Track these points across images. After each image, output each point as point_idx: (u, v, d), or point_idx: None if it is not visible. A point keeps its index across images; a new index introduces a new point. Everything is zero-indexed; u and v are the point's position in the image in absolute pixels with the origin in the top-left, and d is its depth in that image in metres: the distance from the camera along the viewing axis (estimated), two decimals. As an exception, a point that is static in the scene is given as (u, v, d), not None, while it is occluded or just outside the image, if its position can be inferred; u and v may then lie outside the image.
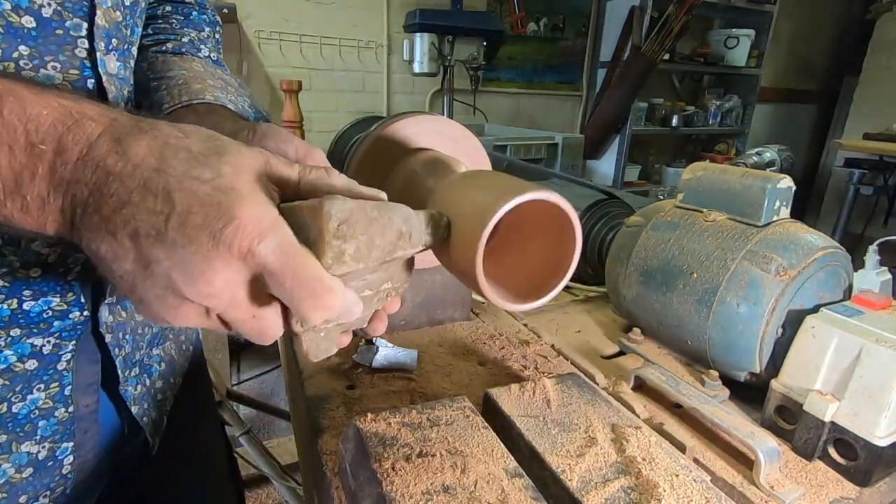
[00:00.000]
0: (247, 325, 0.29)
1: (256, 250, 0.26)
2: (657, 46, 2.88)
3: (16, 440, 0.40)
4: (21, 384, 0.40)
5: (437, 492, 0.38)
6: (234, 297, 0.27)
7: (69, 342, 0.42)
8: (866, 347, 0.48)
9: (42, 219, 0.27)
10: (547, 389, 0.51)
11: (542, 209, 0.36)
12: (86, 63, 0.38)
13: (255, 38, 2.48)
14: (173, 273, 0.26)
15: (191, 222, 0.25)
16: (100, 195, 0.26)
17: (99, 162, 0.26)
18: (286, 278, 0.27)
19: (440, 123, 0.52)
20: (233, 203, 0.26)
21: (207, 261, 0.25)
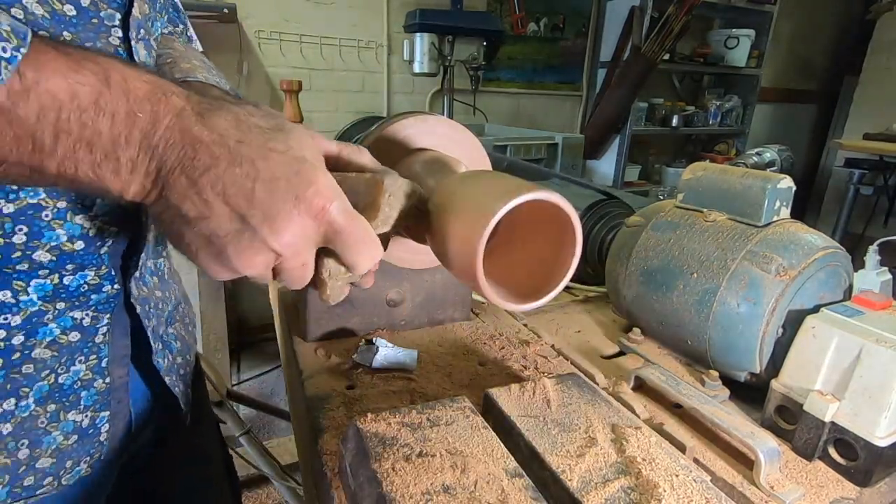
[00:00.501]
0: (295, 272, 0.34)
1: (329, 210, 0.32)
2: (657, 46, 2.88)
3: (63, 409, 0.44)
4: (66, 356, 0.43)
5: (437, 492, 0.38)
6: (301, 248, 0.33)
7: (105, 315, 0.45)
8: (866, 347, 0.48)
9: (128, 181, 0.30)
10: (547, 389, 0.51)
11: (543, 209, 0.36)
12: (119, 50, 0.41)
13: (255, 38, 2.48)
14: (262, 227, 0.30)
15: (277, 186, 0.31)
16: (187, 160, 0.30)
17: (186, 131, 0.30)
18: (348, 235, 0.33)
19: (440, 123, 0.52)
20: (310, 171, 0.32)
21: (290, 217, 0.31)
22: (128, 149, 0.29)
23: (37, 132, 0.27)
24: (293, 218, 0.31)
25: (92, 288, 0.44)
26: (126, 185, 0.30)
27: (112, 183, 0.30)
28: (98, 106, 0.28)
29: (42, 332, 0.41)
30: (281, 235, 0.31)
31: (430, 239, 0.41)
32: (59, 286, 0.42)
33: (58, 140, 0.27)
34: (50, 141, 0.27)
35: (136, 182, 0.30)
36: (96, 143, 0.28)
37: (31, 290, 0.40)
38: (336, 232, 0.33)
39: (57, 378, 0.43)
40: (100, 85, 0.28)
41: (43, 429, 0.43)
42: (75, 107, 0.27)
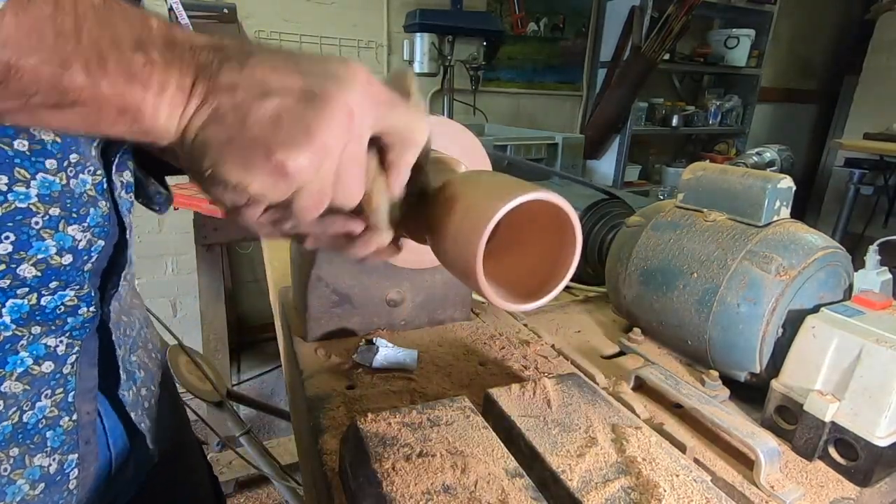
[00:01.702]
0: (356, 161, 0.31)
1: (372, 79, 0.30)
2: (657, 46, 2.88)
3: (28, 453, 0.38)
4: (34, 390, 0.38)
5: (437, 492, 0.38)
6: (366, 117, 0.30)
7: (77, 341, 0.40)
8: (866, 347, 0.48)
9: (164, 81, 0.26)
10: (547, 389, 0.51)
11: (543, 209, 0.36)
12: None
13: (255, 39, 2.48)
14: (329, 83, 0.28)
15: (322, 61, 0.29)
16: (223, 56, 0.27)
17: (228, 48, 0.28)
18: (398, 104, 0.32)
19: (440, 124, 0.52)
20: (354, 65, 0.30)
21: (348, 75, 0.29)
22: (154, 47, 0.26)
23: (56, 19, 0.23)
24: (349, 77, 0.29)
25: (69, 310, 0.39)
26: (163, 86, 0.26)
27: (150, 82, 0.26)
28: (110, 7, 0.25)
29: (13, 361, 0.37)
30: (350, 87, 0.29)
31: (430, 239, 0.41)
32: (35, 307, 0.37)
33: (80, 32, 0.24)
34: (72, 32, 0.24)
35: (174, 81, 0.26)
36: (119, 36, 0.25)
37: (6, 311, 0.36)
38: (390, 103, 0.31)
39: (21, 416, 0.38)
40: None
41: (7, 477, 0.38)
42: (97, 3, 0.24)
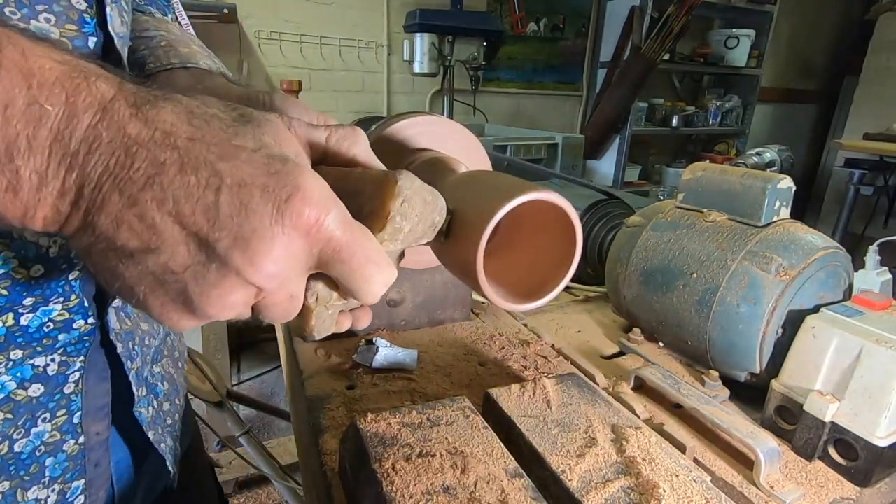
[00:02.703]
0: (280, 307, 0.26)
1: (324, 223, 0.23)
2: (657, 46, 2.88)
3: (21, 486, 0.34)
4: (24, 416, 0.34)
5: (437, 492, 0.38)
6: (289, 277, 0.24)
7: (76, 358, 0.36)
8: (866, 348, 0.48)
9: (33, 202, 0.21)
10: (547, 390, 0.51)
11: (543, 209, 0.36)
12: (86, 17, 0.32)
13: (255, 39, 2.48)
14: (234, 255, 0.22)
15: (250, 196, 0.22)
16: (122, 170, 0.21)
17: (118, 129, 0.21)
18: (352, 253, 0.25)
19: (440, 124, 0.52)
20: (293, 171, 0.23)
21: (272, 237, 0.22)
22: (31, 156, 0.21)
23: None
24: (276, 237, 0.22)
25: (59, 326, 0.34)
26: (30, 209, 0.21)
27: (9, 206, 0.21)
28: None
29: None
30: (261, 264, 0.22)
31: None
32: (13, 328, 0.32)
33: None
34: None
35: (47, 204, 0.22)
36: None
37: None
38: (334, 251, 0.24)
39: (12, 446, 0.33)
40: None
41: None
42: None
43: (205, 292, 0.23)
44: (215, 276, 0.23)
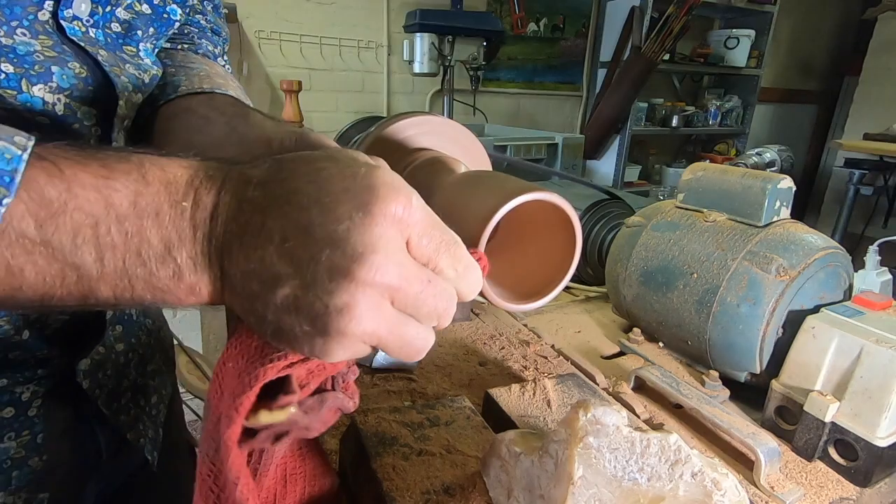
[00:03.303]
0: (425, 299, 0.26)
1: (411, 210, 0.25)
2: (657, 47, 2.88)
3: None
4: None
5: (436, 492, 0.38)
6: (402, 262, 0.25)
7: (42, 388, 0.40)
8: (866, 348, 0.48)
9: (195, 282, 0.25)
10: (547, 390, 0.51)
11: (543, 209, 0.36)
12: (48, 27, 0.34)
13: (255, 38, 2.48)
14: (335, 259, 0.23)
15: (337, 202, 0.24)
16: (238, 226, 0.25)
17: (232, 198, 0.25)
18: (436, 231, 0.26)
19: (440, 124, 0.52)
20: (370, 172, 0.25)
21: (367, 231, 0.23)
22: (182, 246, 0.24)
23: (76, 257, 0.23)
24: (371, 231, 0.23)
25: (39, 362, 0.39)
26: (196, 287, 0.25)
27: (178, 291, 0.25)
28: (138, 207, 0.24)
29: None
30: (366, 258, 0.23)
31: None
32: (2, 361, 0.37)
33: (103, 260, 0.23)
34: (93, 263, 0.23)
35: (207, 279, 0.25)
36: (147, 251, 0.24)
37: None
38: (421, 232, 0.25)
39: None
40: (136, 183, 0.24)
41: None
42: (113, 217, 0.23)
43: (331, 307, 0.23)
44: (331, 286, 0.23)
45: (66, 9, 0.34)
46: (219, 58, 0.56)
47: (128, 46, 0.40)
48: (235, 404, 0.26)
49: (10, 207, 0.21)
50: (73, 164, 0.23)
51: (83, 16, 0.36)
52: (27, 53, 0.32)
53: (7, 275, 0.22)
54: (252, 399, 0.26)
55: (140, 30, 0.40)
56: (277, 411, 0.28)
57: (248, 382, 0.26)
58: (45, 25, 0.34)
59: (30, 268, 0.22)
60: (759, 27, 3.43)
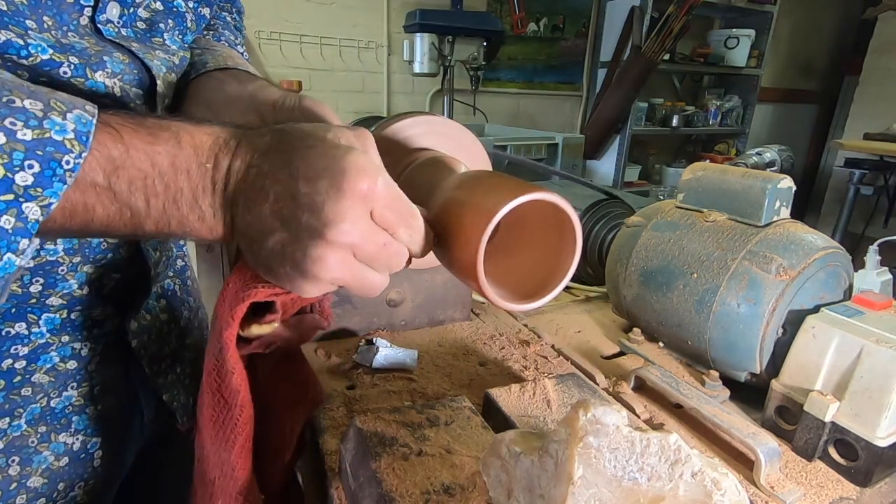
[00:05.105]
0: (381, 256, 0.33)
1: (375, 188, 0.31)
2: (657, 46, 2.88)
3: (54, 431, 0.46)
4: (61, 382, 0.46)
5: (436, 492, 0.38)
6: (367, 230, 0.32)
7: (99, 345, 0.48)
8: (867, 348, 0.48)
9: (214, 224, 0.33)
10: (547, 390, 0.51)
11: (543, 209, 0.36)
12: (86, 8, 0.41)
13: (255, 38, 2.47)
14: (314, 222, 0.30)
15: (318, 177, 0.31)
16: (247, 186, 0.32)
17: (240, 162, 0.32)
18: (396, 204, 0.33)
19: (440, 124, 0.52)
20: (345, 155, 0.31)
21: (338, 204, 0.30)
22: (205, 197, 0.32)
23: (131, 200, 0.31)
24: (341, 203, 0.30)
25: (95, 323, 0.47)
26: (213, 229, 0.33)
27: (201, 230, 0.33)
28: (174, 166, 0.31)
29: (43, 359, 0.44)
30: (336, 224, 0.30)
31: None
32: (66, 320, 0.45)
33: (149, 204, 0.31)
34: (143, 205, 0.31)
35: (221, 223, 0.33)
36: (180, 199, 0.32)
37: (42, 322, 0.44)
38: (384, 205, 0.33)
39: (49, 402, 0.45)
40: (173, 148, 0.31)
41: (34, 448, 0.44)
42: (157, 173, 0.31)
43: (308, 257, 0.31)
44: (308, 242, 0.31)
45: (102, 14, 0.41)
46: (238, 46, 0.65)
47: (155, 38, 0.47)
48: (232, 312, 0.34)
49: (87, 161, 0.29)
50: (129, 130, 0.31)
51: (115, 18, 0.42)
52: (83, 49, 0.39)
53: (83, 210, 0.30)
54: (245, 308, 0.34)
55: (162, 23, 0.48)
56: (265, 325, 0.36)
57: (242, 297, 0.34)
58: (87, 28, 0.40)
59: (99, 207, 0.30)
60: (759, 27, 3.43)
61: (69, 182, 0.29)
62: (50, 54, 0.36)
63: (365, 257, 0.33)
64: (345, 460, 0.44)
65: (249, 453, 0.41)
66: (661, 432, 0.32)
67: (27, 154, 0.27)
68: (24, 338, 0.43)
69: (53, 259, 0.42)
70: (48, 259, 0.42)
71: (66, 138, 0.28)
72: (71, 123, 0.29)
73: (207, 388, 0.38)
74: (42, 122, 0.28)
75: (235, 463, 0.40)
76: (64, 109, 0.29)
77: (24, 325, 0.43)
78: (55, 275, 0.43)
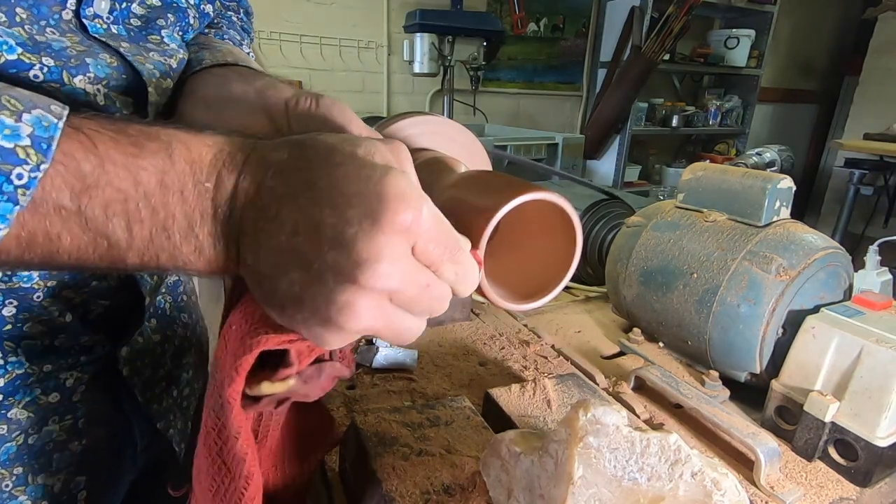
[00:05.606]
0: (422, 300, 0.27)
1: (419, 221, 0.25)
2: (657, 47, 2.88)
3: (32, 472, 0.40)
4: (40, 416, 0.40)
5: (436, 491, 0.38)
6: (405, 269, 0.25)
7: (86, 374, 0.43)
8: (867, 348, 0.48)
9: (214, 257, 0.27)
10: (547, 390, 0.51)
11: (543, 209, 0.36)
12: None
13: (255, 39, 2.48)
14: (344, 262, 0.24)
15: (346, 206, 0.24)
16: (257, 211, 0.26)
17: (252, 183, 0.26)
18: (442, 237, 0.27)
19: (440, 124, 0.52)
20: (382, 178, 0.25)
21: (374, 240, 0.24)
22: (203, 224, 0.26)
23: (108, 229, 0.24)
24: (378, 239, 0.24)
25: (83, 349, 0.42)
26: (214, 262, 0.27)
27: (198, 264, 0.27)
28: (164, 186, 0.25)
29: (23, 392, 0.39)
30: (370, 266, 0.23)
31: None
32: (48, 347, 0.40)
33: (131, 232, 0.25)
34: (123, 235, 0.25)
35: (223, 256, 0.27)
36: (171, 226, 0.25)
37: (21, 350, 0.38)
38: (428, 239, 0.26)
39: (27, 439, 0.40)
40: (163, 162, 0.25)
41: (8, 493, 0.40)
42: (141, 194, 0.25)
43: (333, 303, 0.24)
44: (334, 287, 0.24)
45: (88, 7, 0.36)
46: (244, 46, 0.58)
47: (152, 36, 0.41)
48: (236, 364, 0.27)
49: (49, 177, 0.23)
50: (106, 139, 0.24)
51: (103, 13, 0.37)
52: (62, 48, 0.33)
53: (45, 240, 0.24)
54: (252, 360, 0.28)
55: (160, 18, 0.42)
56: (278, 383, 0.29)
57: (249, 345, 0.27)
58: (70, 24, 0.35)
59: (65, 235, 0.24)
60: (759, 27, 3.43)
61: (22, 203, 0.23)
62: (18, 54, 0.31)
63: (403, 302, 0.26)
64: (345, 460, 0.44)
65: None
66: (661, 432, 0.32)
67: None
68: (0, 368, 0.38)
69: (27, 286, 0.37)
70: (21, 285, 0.37)
71: (20, 145, 0.22)
72: (27, 126, 0.23)
73: (206, 450, 0.32)
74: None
75: None
76: (19, 109, 0.23)
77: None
78: (30, 300, 0.38)
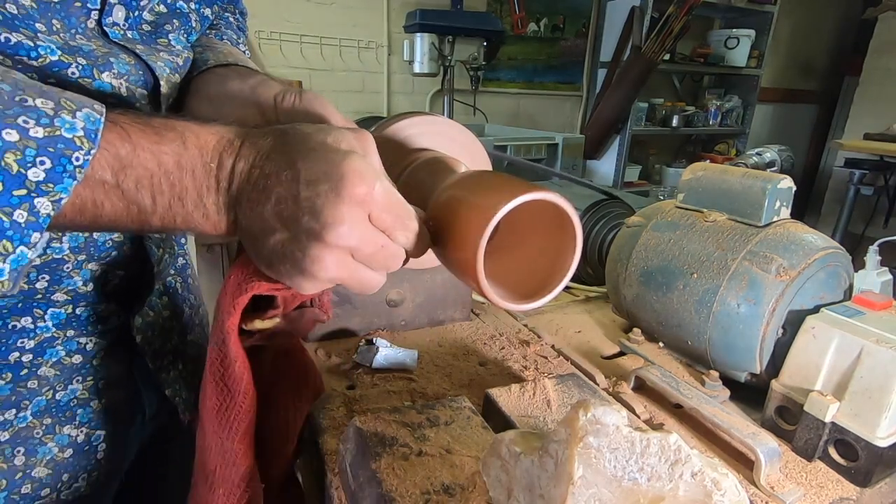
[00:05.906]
0: (378, 257, 0.34)
1: (372, 193, 0.32)
2: (657, 47, 2.88)
3: (59, 423, 0.47)
4: (66, 375, 0.47)
5: (436, 492, 0.38)
6: (366, 233, 0.33)
7: (104, 341, 0.49)
8: (867, 348, 0.48)
9: (218, 221, 0.34)
10: (547, 390, 0.51)
11: (543, 209, 0.36)
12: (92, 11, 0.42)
13: (255, 39, 2.47)
14: (314, 225, 0.31)
15: (318, 181, 0.31)
16: (250, 185, 0.33)
17: (244, 163, 0.34)
18: (394, 207, 0.34)
19: (440, 124, 0.52)
20: (343, 160, 0.32)
21: (337, 208, 0.31)
22: (209, 195, 0.33)
23: (138, 198, 0.32)
24: (340, 208, 0.31)
25: (100, 319, 0.49)
26: (218, 225, 0.34)
27: (205, 226, 0.34)
28: (180, 166, 0.32)
29: (49, 353, 0.46)
30: (334, 227, 0.31)
31: (432, 239, 0.41)
32: (71, 315, 0.47)
33: (155, 201, 0.32)
34: (149, 203, 0.32)
35: (225, 220, 0.34)
36: (185, 197, 0.33)
37: (48, 317, 0.45)
38: (381, 209, 0.33)
39: (55, 394, 0.47)
40: (179, 148, 0.32)
41: (39, 439, 0.46)
42: (163, 172, 0.32)
43: (307, 257, 0.32)
44: (307, 243, 0.32)
45: (108, 17, 0.43)
46: (240, 45, 0.67)
47: (160, 39, 0.48)
48: (234, 301, 0.36)
49: (96, 159, 0.30)
50: (136, 130, 0.32)
51: (120, 21, 0.44)
52: (90, 51, 0.40)
53: (93, 206, 0.32)
54: (247, 298, 0.36)
55: (167, 24, 0.49)
56: (268, 320, 0.38)
57: (245, 288, 0.36)
58: (94, 31, 0.42)
59: (107, 203, 0.32)
60: (759, 27, 3.43)
61: (79, 178, 0.30)
62: (59, 55, 0.37)
63: (363, 258, 0.34)
64: (345, 460, 0.44)
65: (252, 442, 0.42)
66: (661, 432, 0.32)
67: (39, 151, 0.29)
68: (31, 332, 0.44)
69: (59, 257, 0.44)
70: (54, 257, 0.43)
71: (76, 136, 0.30)
72: (80, 121, 0.30)
73: (211, 377, 0.39)
74: (53, 120, 0.29)
75: (238, 451, 0.41)
76: (74, 108, 0.30)
77: (29, 319, 0.44)
78: (60, 272, 0.44)
